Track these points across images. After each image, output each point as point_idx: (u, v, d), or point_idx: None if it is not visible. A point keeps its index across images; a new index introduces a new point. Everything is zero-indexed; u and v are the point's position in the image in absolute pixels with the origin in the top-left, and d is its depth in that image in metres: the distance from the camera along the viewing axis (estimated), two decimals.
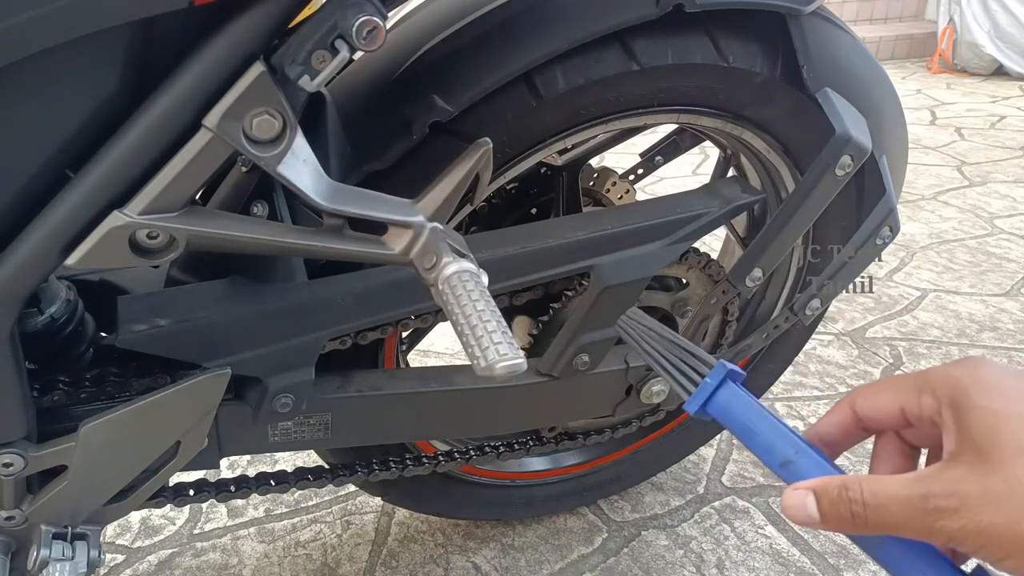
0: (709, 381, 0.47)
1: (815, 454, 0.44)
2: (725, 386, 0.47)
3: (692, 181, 2.60)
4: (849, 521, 0.39)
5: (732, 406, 0.47)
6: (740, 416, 0.46)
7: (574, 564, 1.12)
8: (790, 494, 0.41)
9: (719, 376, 0.47)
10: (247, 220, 0.60)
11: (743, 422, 0.46)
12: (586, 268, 0.82)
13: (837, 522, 0.39)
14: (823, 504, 0.40)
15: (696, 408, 0.48)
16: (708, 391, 0.47)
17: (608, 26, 0.74)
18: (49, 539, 0.69)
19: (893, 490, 0.38)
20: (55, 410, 0.68)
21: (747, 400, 0.47)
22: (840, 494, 0.39)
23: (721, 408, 0.47)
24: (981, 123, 3.39)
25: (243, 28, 0.51)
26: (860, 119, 0.83)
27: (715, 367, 0.48)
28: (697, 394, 0.48)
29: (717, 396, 0.47)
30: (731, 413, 0.47)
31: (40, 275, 0.56)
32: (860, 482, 0.39)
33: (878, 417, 0.43)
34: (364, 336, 0.79)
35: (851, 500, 0.39)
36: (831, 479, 0.40)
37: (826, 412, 0.46)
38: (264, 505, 1.24)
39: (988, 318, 1.77)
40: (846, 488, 0.39)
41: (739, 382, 0.48)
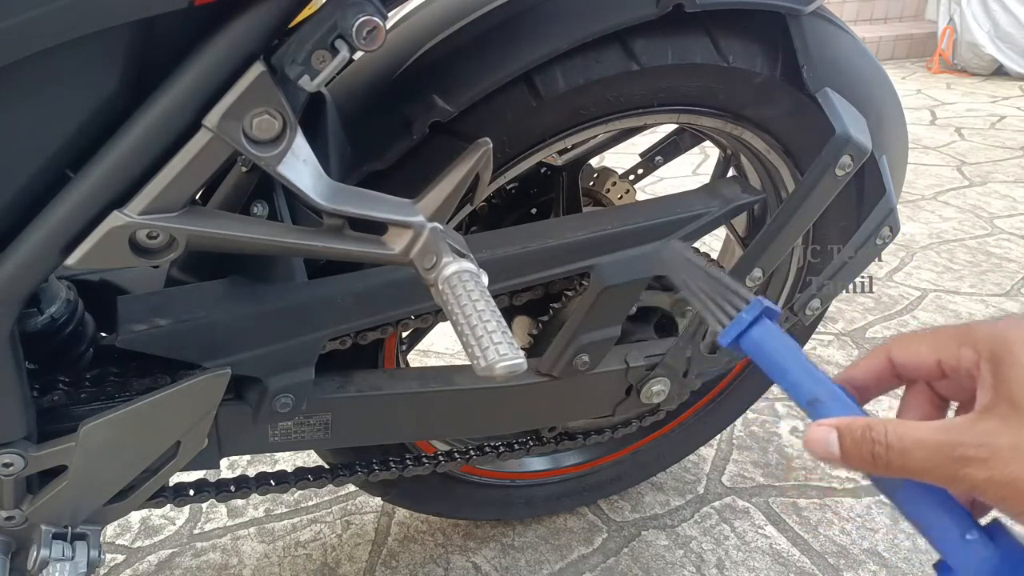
0: (745, 316, 0.47)
1: (845, 397, 0.44)
2: (760, 322, 0.47)
3: (692, 181, 2.60)
4: (870, 461, 0.39)
5: (766, 342, 0.46)
6: (773, 353, 0.46)
7: (574, 564, 1.12)
8: (814, 429, 0.41)
9: (755, 312, 0.47)
10: (247, 220, 0.61)
11: (775, 359, 0.46)
12: (586, 268, 0.82)
13: (858, 461, 0.40)
14: (845, 442, 0.40)
15: (729, 340, 0.47)
16: (743, 325, 0.47)
17: (608, 26, 0.74)
18: (49, 539, 0.69)
19: (920, 435, 0.38)
20: (55, 410, 0.68)
21: (781, 337, 0.46)
22: (864, 434, 0.39)
23: (755, 343, 0.47)
24: (981, 123, 3.39)
25: (243, 28, 0.51)
26: (860, 119, 0.83)
27: (752, 302, 0.47)
28: (731, 327, 0.47)
29: (751, 331, 0.47)
30: (764, 349, 0.46)
31: (40, 275, 0.56)
32: (885, 424, 0.39)
33: (914, 366, 0.43)
34: (364, 336, 0.79)
35: (874, 441, 0.39)
36: (856, 419, 0.40)
37: (861, 357, 0.46)
38: (264, 505, 1.24)
39: (988, 318, 1.77)
40: (870, 428, 0.39)
41: (774, 319, 0.47)
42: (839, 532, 1.16)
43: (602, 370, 0.89)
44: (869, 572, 1.09)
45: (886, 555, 1.12)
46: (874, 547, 1.13)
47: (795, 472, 1.29)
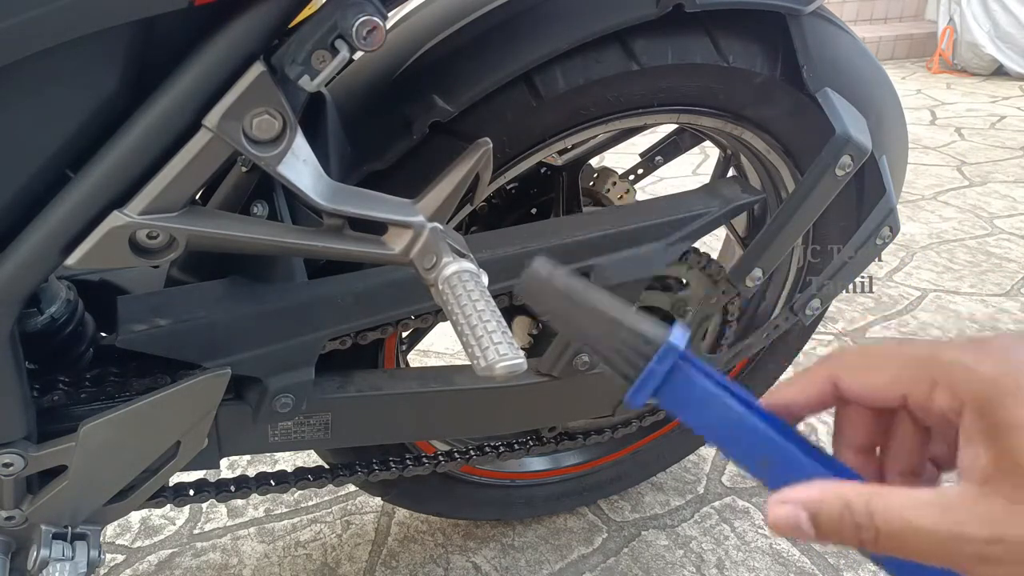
0: (656, 367, 0.35)
1: (795, 448, 0.36)
2: (678, 372, 0.36)
3: (692, 181, 2.60)
4: (856, 543, 0.33)
5: (689, 400, 0.36)
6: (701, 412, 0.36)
7: (574, 564, 1.12)
8: (776, 509, 0.34)
9: (668, 362, 0.36)
10: (247, 220, 0.61)
11: (705, 420, 0.36)
12: (586, 268, 0.82)
13: (839, 541, 0.33)
14: (821, 523, 0.33)
15: (641, 401, 0.37)
16: (657, 380, 0.36)
17: (608, 26, 0.74)
18: (49, 539, 0.69)
19: (912, 516, 0.32)
20: (55, 410, 0.68)
21: (707, 391, 0.36)
22: (842, 516, 0.33)
23: (675, 401, 0.36)
24: (981, 123, 3.39)
25: (243, 28, 0.51)
26: (860, 119, 0.83)
27: (662, 347, 0.35)
28: (639, 386, 0.36)
29: (669, 386, 0.36)
30: (689, 408, 0.36)
31: (40, 275, 0.56)
32: (867, 500, 0.33)
33: (868, 397, 0.36)
34: (364, 336, 0.79)
35: (858, 525, 0.33)
36: (826, 491, 0.34)
37: (799, 375, 0.38)
38: (264, 505, 1.24)
39: (988, 318, 1.77)
40: (849, 509, 0.33)
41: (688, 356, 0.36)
42: None
43: (602, 370, 0.89)
44: (869, 572, 1.09)
45: None
46: None
47: None
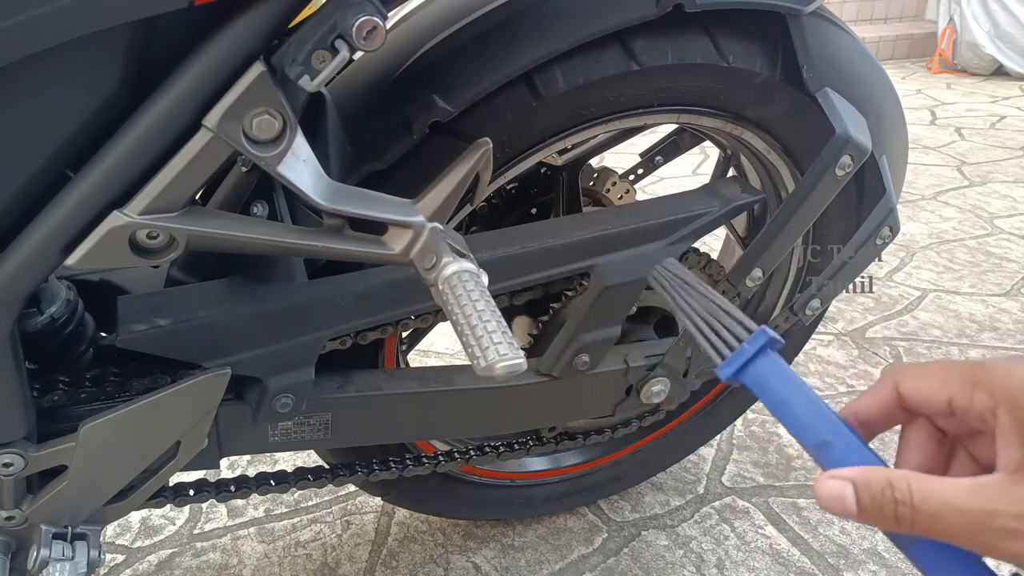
0: (747, 347, 0.43)
1: (854, 438, 0.40)
2: (763, 354, 0.43)
3: (692, 181, 2.60)
4: (892, 522, 0.36)
5: (768, 377, 0.43)
6: (776, 389, 0.42)
7: (574, 564, 1.12)
8: (826, 483, 0.38)
9: (758, 343, 0.43)
10: (247, 220, 0.60)
11: (779, 395, 0.42)
12: (586, 268, 0.82)
13: (878, 519, 0.37)
14: (863, 499, 0.37)
15: (729, 374, 0.44)
16: (744, 358, 0.43)
17: (608, 26, 0.74)
18: (49, 539, 0.69)
19: (948, 497, 0.35)
20: (55, 410, 0.68)
21: (785, 372, 0.43)
22: (884, 492, 0.36)
23: (756, 378, 0.43)
24: (981, 123, 3.39)
25: (243, 28, 0.51)
26: (860, 119, 0.83)
27: (755, 333, 0.43)
28: (731, 360, 0.44)
29: (753, 364, 0.43)
30: (767, 385, 0.43)
31: (40, 275, 0.56)
32: (908, 480, 0.36)
33: (923, 401, 0.40)
34: (364, 336, 0.79)
35: (897, 501, 0.36)
36: (873, 472, 0.37)
37: (867, 389, 0.43)
38: (264, 505, 1.24)
39: (988, 318, 1.77)
40: (892, 486, 0.36)
41: (778, 350, 0.44)
42: (839, 532, 1.16)
43: (602, 370, 0.89)
44: (869, 572, 1.09)
45: (886, 555, 1.12)
46: (874, 547, 1.13)
47: (795, 472, 1.29)
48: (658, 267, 0.50)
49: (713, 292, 0.47)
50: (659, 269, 0.50)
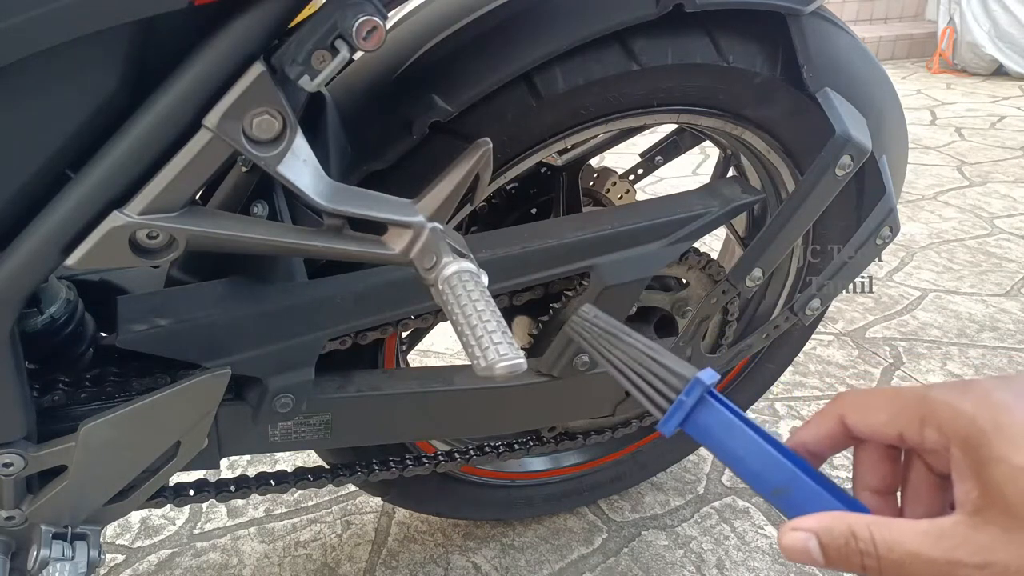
0: (684, 399, 0.41)
1: (809, 480, 0.39)
2: (703, 404, 0.41)
3: (692, 181, 2.60)
4: (860, 569, 0.36)
5: (713, 426, 0.41)
6: (722, 439, 0.41)
7: (574, 564, 1.12)
8: (788, 535, 0.38)
9: (696, 393, 0.41)
10: (247, 220, 0.60)
11: (726, 446, 0.41)
12: (586, 268, 0.82)
13: (845, 568, 0.37)
14: (828, 550, 0.37)
15: (671, 430, 0.42)
16: (684, 410, 0.41)
17: (608, 26, 0.74)
18: (49, 539, 0.69)
19: (912, 545, 0.35)
20: (55, 410, 0.68)
21: (727, 421, 0.41)
22: (848, 543, 0.36)
23: (701, 429, 0.41)
24: (981, 123, 3.39)
25: (243, 28, 0.51)
26: (860, 119, 0.83)
27: (691, 382, 0.41)
28: (671, 415, 0.41)
29: (695, 415, 0.41)
30: (712, 435, 0.41)
31: (40, 275, 0.56)
32: (870, 528, 0.36)
33: (870, 434, 0.40)
34: (364, 336, 0.79)
35: (862, 552, 0.36)
36: (835, 520, 0.37)
37: (809, 418, 0.42)
38: (264, 505, 1.24)
39: (988, 318, 1.77)
40: (854, 536, 0.36)
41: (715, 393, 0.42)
42: None
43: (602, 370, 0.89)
44: None
45: None
46: None
47: None
48: (574, 318, 0.47)
49: (641, 339, 0.44)
50: (576, 321, 0.46)
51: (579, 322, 0.46)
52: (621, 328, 0.45)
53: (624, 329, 0.45)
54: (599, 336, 0.45)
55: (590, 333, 0.45)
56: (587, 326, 0.46)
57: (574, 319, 0.46)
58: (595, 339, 0.45)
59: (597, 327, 0.45)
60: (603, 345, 0.45)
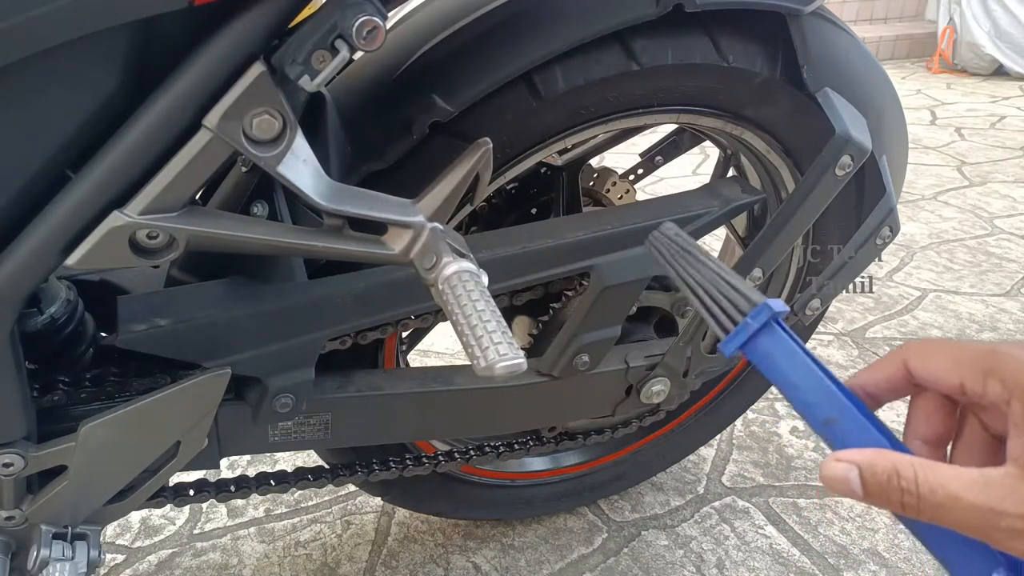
0: (750, 322, 0.42)
1: (861, 416, 0.39)
2: (768, 329, 0.42)
3: (692, 181, 2.60)
4: (899, 507, 0.36)
5: (773, 353, 0.42)
6: (781, 365, 0.41)
7: (574, 564, 1.12)
8: (831, 465, 0.37)
9: (762, 318, 0.41)
10: (247, 220, 0.61)
11: (784, 372, 0.41)
12: (586, 268, 0.82)
13: (883, 504, 0.37)
14: (869, 484, 0.37)
15: (732, 350, 0.43)
16: (748, 332, 0.42)
17: (608, 26, 0.74)
18: (49, 539, 0.69)
19: (955, 489, 0.35)
20: (55, 410, 0.68)
21: (789, 348, 0.41)
22: (891, 479, 0.36)
23: (760, 354, 0.42)
24: (981, 123, 3.39)
25: (243, 28, 0.51)
26: (860, 119, 0.83)
27: (759, 306, 0.42)
28: (735, 334, 0.42)
29: (758, 339, 0.42)
30: (771, 361, 0.42)
31: (40, 275, 0.56)
32: (914, 468, 0.36)
33: (933, 381, 0.40)
34: (364, 336, 0.79)
35: (903, 490, 0.36)
36: (880, 456, 0.37)
37: (875, 361, 0.42)
38: (264, 505, 1.24)
39: (988, 318, 1.77)
40: (898, 473, 0.36)
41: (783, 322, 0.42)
42: (839, 532, 1.16)
43: (602, 370, 0.89)
44: (869, 572, 1.09)
45: (886, 555, 1.12)
46: (874, 547, 1.13)
47: (795, 472, 1.29)
48: (656, 233, 0.47)
49: (716, 261, 0.45)
50: (657, 235, 0.47)
51: (659, 237, 0.47)
52: (699, 249, 0.45)
53: (702, 251, 0.45)
54: (676, 253, 0.46)
55: (668, 249, 0.46)
56: (665, 242, 0.46)
57: (655, 233, 0.47)
58: (671, 256, 0.46)
59: (676, 244, 0.46)
60: (678, 262, 0.45)
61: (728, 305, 0.43)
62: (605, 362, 0.89)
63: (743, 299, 0.42)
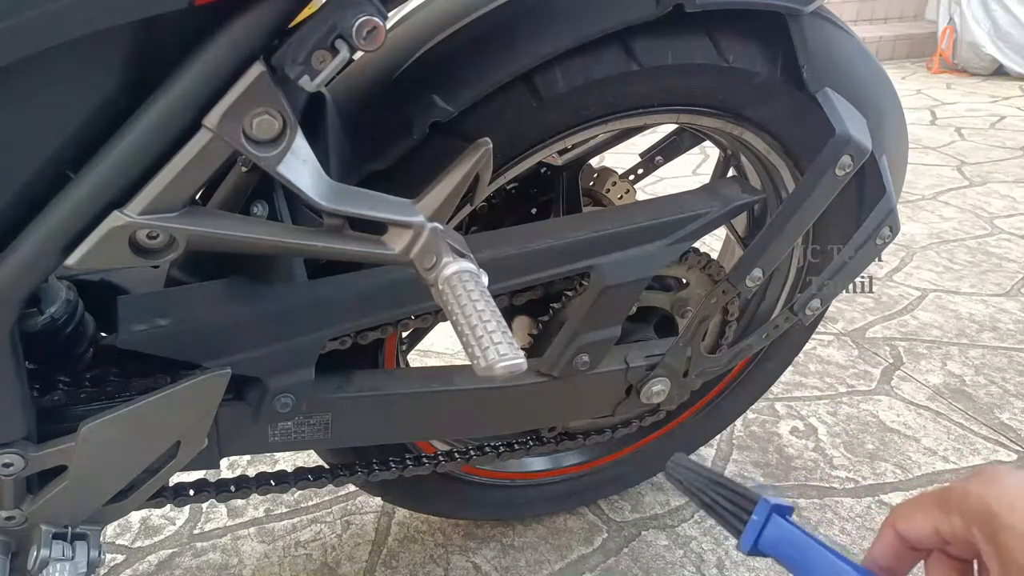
0: (755, 518, 0.47)
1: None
2: (772, 521, 0.47)
3: (692, 181, 2.60)
4: None
5: (783, 542, 0.46)
6: (792, 552, 0.46)
7: (574, 564, 1.12)
8: None
9: (764, 513, 0.47)
10: (247, 220, 0.61)
11: (796, 558, 0.46)
12: (586, 268, 0.82)
13: None
14: None
15: (749, 547, 0.47)
16: (757, 528, 0.47)
17: (608, 26, 0.74)
18: (49, 539, 0.69)
19: None
20: (55, 410, 0.68)
21: (797, 534, 0.46)
22: None
23: (773, 545, 0.47)
24: (981, 123, 3.39)
25: (243, 28, 0.51)
26: (860, 119, 0.83)
27: (758, 503, 0.48)
28: (747, 533, 0.47)
29: (766, 532, 0.47)
30: (783, 549, 0.46)
31: (40, 275, 0.56)
32: None
33: (919, 538, 0.42)
34: (364, 336, 0.79)
35: None
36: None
37: (874, 539, 0.45)
38: (264, 505, 1.24)
39: (988, 318, 1.77)
40: None
41: (787, 516, 0.48)
42: (839, 532, 1.16)
43: (602, 370, 0.89)
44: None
45: None
46: None
47: (795, 472, 1.29)
48: (670, 463, 0.55)
49: (716, 473, 0.52)
50: (671, 465, 0.55)
51: (672, 466, 0.54)
52: (700, 466, 0.54)
53: (702, 467, 0.54)
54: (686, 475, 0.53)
55: (680, 474, 0.53)
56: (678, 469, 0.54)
57: (669, 464, 0.55)
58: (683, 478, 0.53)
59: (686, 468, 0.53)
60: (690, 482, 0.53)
61: (735, 508, 0.49)
62: (605, 362, 0.89)
63: (745, 500, 0.49)
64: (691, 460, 0.54)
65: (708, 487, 0.51)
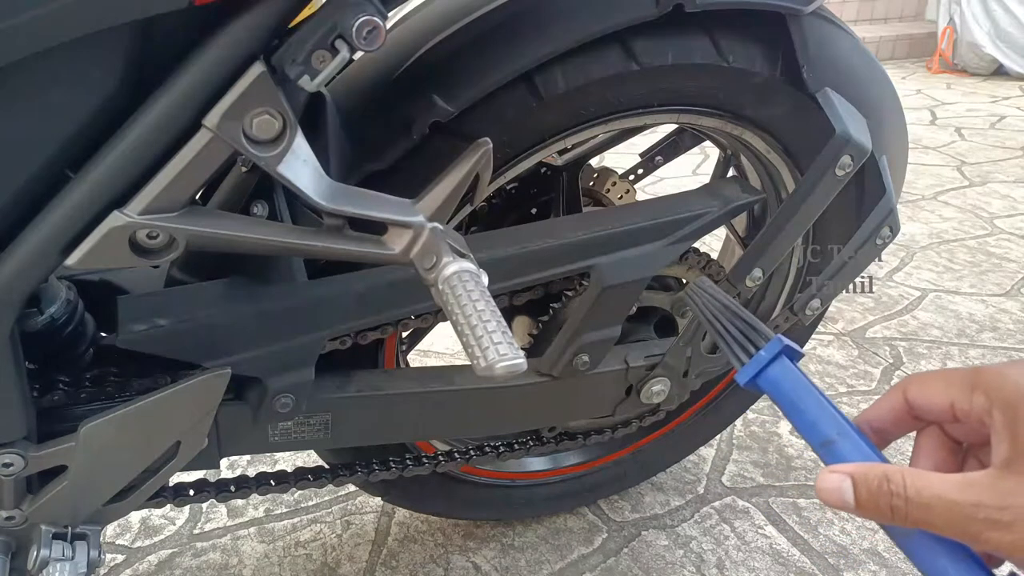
0: (763, 354, 0.48)
1: (858, 438, 0.43)
2: (779, 361, 0.47)
3: (692, 181, 2.60)
4: (887, 514, 0.38)
5: (782, 381, 0.47)
6: (789, 392, 0.46)
7: (574, 564, 1.12)
8: (825, 476, 0.40)
9: (774, 350, 0.47)
10: (247, 220, 0.61)
11: (791, 398, 0.46)
12: (586, 268, 0.82)
13: (874, 512, 0.39)
14: (860, 492, 0.39)
15: (747, 379, 0.48)
16: (761, 364, 0.47)
17: (608, 26, 0.74)
18: (49, 539, 0.69)
19: (939, 490, 0.37)
20: (55, 410, 0.68)
21: (798, 377, 0.47)
22: (880, 485, 0.38)
23: (771, 382, 0.47)
24: (981, 123, 3.39)
25: (243, 28, 0.51)
26: (860, 119, 0.83)
27: (771, 341, 0.48)
28: (749, 365, 0.48)
29: (769, 370, 0.47)
30: (780, 388, 0.47)
31: (40, 275, 0.56)
32: (903, 475, 0.38)
33: (928, 408, 0.42)
34: (364, 336, 0.79)
35: (892, 493, 0.38)
36: (871, 467, 0.39)
37: (879, 398, 0.46)
38: (264, 505, 1.24)
39: (988, 318, 1.77)
40: (887, 479, 0.38)
41: (796, 361, 0.48)
42: (839, 532, 1.16)
43: (602, 370, 0.89)
44: (869, 572, 1.09)
45: (886, 555, 1.12)
46: (874, 547, 1.13)
47: (795, 472, 1.29)
48: (692, 285, 0.55)
49: (738, 305, 0.51)
50: (693, 287, 0.55)
51: (694, 288, 0.54)
52: (725, 296, 0.53)
53: (727, 297, 0.53)
54: (706, 300, 0.53)
55: (699, 297, 0.53)
56: (699, 292, 0.54)
57: (691, 286, 0.55)
58: (702, 302, 0.53)
59: (707, 293, 0.53)
60: (706, 306, 0.52)
61: (745, 341, 0.49)
62: (605, 362, 0.89)
63: (759, 336, 0.49)
64: (715, 287, 0.54)
65: (724, 314, 0.51)
